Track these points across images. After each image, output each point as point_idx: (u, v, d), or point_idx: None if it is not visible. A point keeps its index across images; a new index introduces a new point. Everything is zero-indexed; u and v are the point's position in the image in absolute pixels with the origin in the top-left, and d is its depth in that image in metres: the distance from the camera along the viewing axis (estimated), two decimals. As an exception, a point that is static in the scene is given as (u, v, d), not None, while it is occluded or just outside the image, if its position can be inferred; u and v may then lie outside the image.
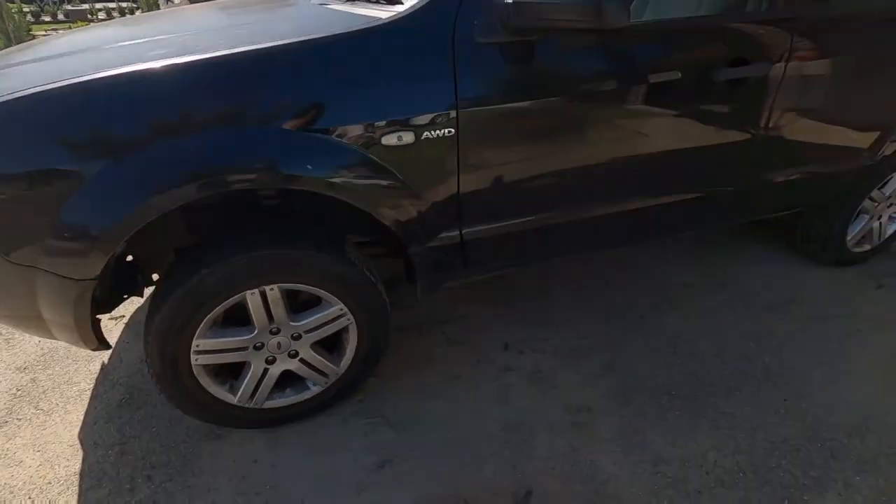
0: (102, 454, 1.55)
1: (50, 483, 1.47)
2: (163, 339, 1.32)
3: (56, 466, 1.51)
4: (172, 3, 7.08)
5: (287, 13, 1.72)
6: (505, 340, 1.99)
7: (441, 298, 2.19)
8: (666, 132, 1.62)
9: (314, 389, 1.61)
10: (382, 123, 1.25)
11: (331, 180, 1.26)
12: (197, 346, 1.37)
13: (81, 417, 1.67)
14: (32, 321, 1.30)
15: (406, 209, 1.38)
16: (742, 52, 1.60)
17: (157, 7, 8.78)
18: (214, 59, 1.18)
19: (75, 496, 1.43)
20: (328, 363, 1.57)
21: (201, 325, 1.35)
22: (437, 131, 1.30)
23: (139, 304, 2.20)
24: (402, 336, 2.00)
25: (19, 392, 1.77)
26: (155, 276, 1.59)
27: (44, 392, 1.76)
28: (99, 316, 1.48)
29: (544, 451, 1.56)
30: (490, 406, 1.71)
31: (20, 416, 1.68)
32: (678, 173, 1.75)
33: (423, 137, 1.29)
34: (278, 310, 1.41)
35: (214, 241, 1.35)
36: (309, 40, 1.23)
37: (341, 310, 1.48)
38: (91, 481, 1.47)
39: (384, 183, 1.32)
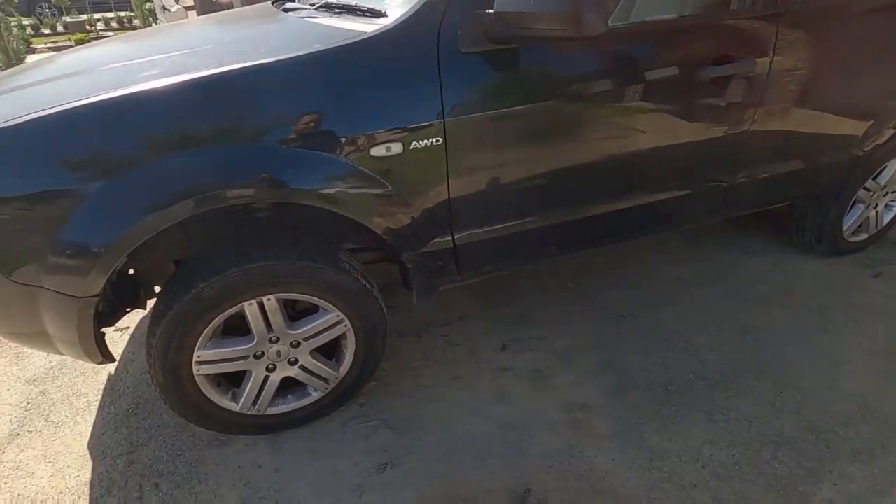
0: (111, 463, 1.59)
1: (62, 493, 1.51)
2: (164, 352, 1.36)
3: (67, 477, 1.56)
4: (169, 11, 7.13)
5: (274, 28, 1.75)
6: (503, 341, 2.02)
7: (439, 301, 2.22)
8: (653, 131, 1.64)
9: (315, 395, 1.64)
10: (370, 135, 1.28)
11: (322, 192, 1.29)
12: (198, 357, 1.41)
13: (90, 428, 1.72)
14: (38, 338, 1.34)
15: (397, 217, 1.41)
16: (727, 49, 1.62)
17: (154, 15, 8.83)
18: (204, 78, 1.21)
19: (86, 505, 1.48)
20: (328, 369, 1.60)
21: (201, 337, 1.38)
22: (425, 141, 1.32)
23: (143, 316, 2.24)
24: (401, 340, 2.04)
25: (30, 405, 1.81)
26: (157, 289, 1.63)
27: (53, 404, 1.81)
28: (104, 329, 1.53)
29: (542, 449, 1.59)
30: (488, 406, 1.74)
31: (31, 429, 1.72)
32: (667, 171, 1.78)
33: (411, 147, 1.32)
34: (276, 319, 1.44)
35: (210, 254, 1.38)
36: (297, 57, 1.26)
37: (338, 317, 1.51)
38: (101, 490, 1.51)
39: (375, 193, 1.35)
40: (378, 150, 1.29)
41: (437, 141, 1.33)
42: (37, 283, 1.21)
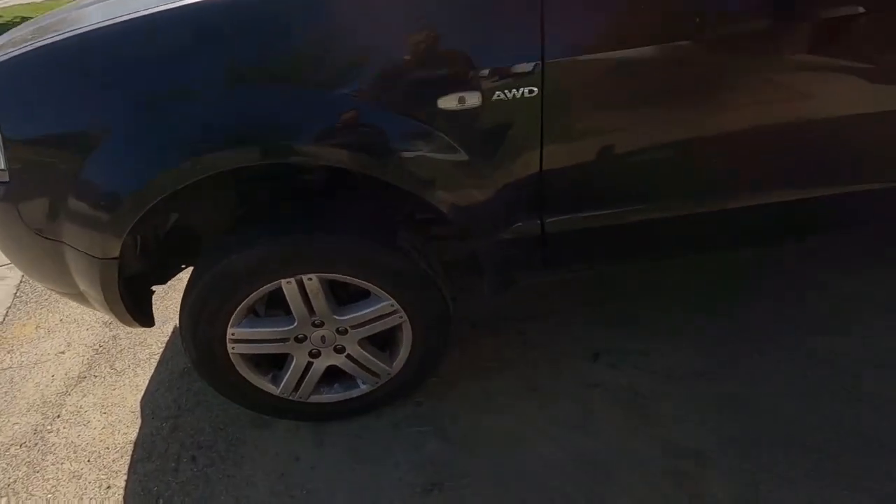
0: (157, 426, 1.52)
1: (108, 448, 1.47)
2: (194, 325, 1.21)
3: (116, 432, 1.52)
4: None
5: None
6: (596, 349, 1.65)
7: (522, 289, 1.88)
8: (835, 94, 1.12)
9: (364, 388, 1.43)
10: (438, 80, 0.96)
11: (369, 157, 1.00)
12: (232, 334, 1.24)
13: (147, 382, 1.68)
14: (80, 298, 1.25)
15: (468, 192, 1.09)
16: None
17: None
18: None
19: (126, 466, 1.42)
20: (379, 362, 1.37)
21: (235, 313, 1.21)
22: (514, 90, 0.97)
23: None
24: (474, 332, 1.75)
25: (101, 348, 1.83)
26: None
27: (120, 351, 1.80)
28: (154, 287, 1.43)
29: (627, 501, 1.24)
30: (567, 431, 1.41)
31: (97, 373, 1.73)
32: (850, 152, 1.23)
33: (494, 99, 0.97)
34: (319, 302, 1.22)
35: (247, 220, 1.18)
36: None
37: (392, 306, 1.25)
38: (142, 453, 1.45)
39: (440, 158, 1.03)
40: (447, 102, 0.96)
41: (531, 91, 0.97)
42: (60, 238, 1.09)
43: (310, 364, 1.35)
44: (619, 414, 1.44)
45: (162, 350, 1.80)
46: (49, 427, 1.55)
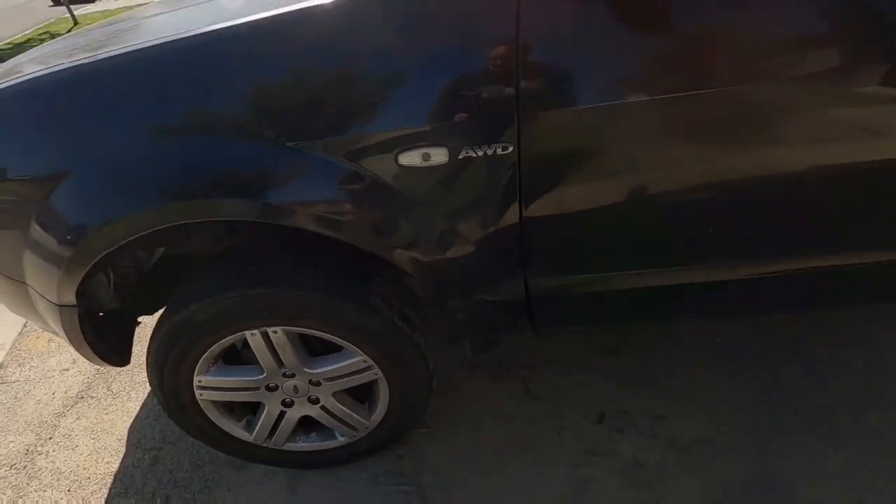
0: (139, 458, 1.50)
1: (89, 479, 1.47)
2: (160, 371, 1.16)
3: (100, 460, 1.51)
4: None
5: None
6: (602, 407, 1.50)
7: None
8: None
9: (341, 440, 1.34)
10: (397, 135, 0.85)
11: (321, 214, 0.91)
12: (199, 381, 1.18)
13: (139, 407, 1.67)
14: (53, 332, 1.23)
15: (432, 251, 0.98)
16: None
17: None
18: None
19: (103, 499, 1.41)
20: (356, 415, 1.28)
21: (200, 361, 1.15)
22: (486, 148, 0.85)
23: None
24: (472, 375, 1.63)
25: (101, 369, 1.84)
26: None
27: (119, 373, 1.81)
28: (140, 319, 1.40)
29: None
30: (559, 504, 1.28)
31: (94, 395, 1.73)
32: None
33: (461, 157, 0.85)
34: (287, 354, 1.15)
35: (213, 268, 1.11)
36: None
37: (364, 362, 1.16)
38: (120, 487, 1.43)
39: (399, 218, 0.93)
40: (409, 158, 0.86)
41: (505, 149, 0.85)
42: (24, 280, 1.06)
43: (283, 413, 1.28)
44: (620, 490, 1.29)
45: (158, 374, 1.78)
46: (40, 449, 1.56)
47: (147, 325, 1.32)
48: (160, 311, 1.20)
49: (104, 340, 1.21)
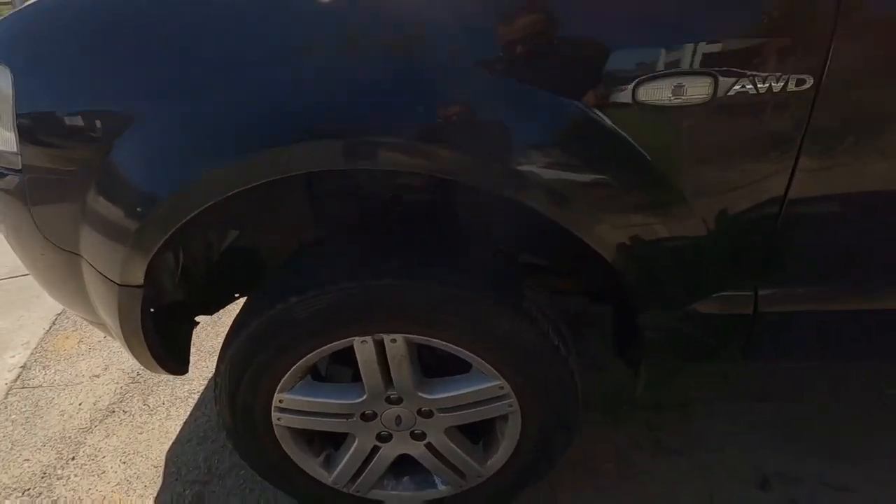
0: (179, 493, 1.21)
1: (116, 514, 1.18)
2: (234, 384, 0.89)
3: (130, 492, 1.22)
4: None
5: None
6: (763, 470, 1.18)
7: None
8: None
9: (442, 489, 1.04)
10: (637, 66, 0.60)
11: (504, 167, 0.65)
12: (280, 401, 0.91)
13: (179, 428, 1.39)
14: (99, 325, 0.98)
15: (654, 231, 0.70)
16: None
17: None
18: None
19: (133, 545, 1.11)
20: (469, 459, 0.98)
21: (287, 375, 0.87)
22: (774, 80, 0.59)
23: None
24: (588, 417, 1.32)
25: (138, 376, 1.57)
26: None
27: (157, 384, 1.54)
28: (197, 318, 1.14)
29: None
30: None
31: (127, 409, 1.46)
32: None
33: (731, 91, 0.59)
34: (402, 371, 0.87)
35: (320, 253, 0.86)
36: None
37: (501, 388, 0.87)
38: (154, 529, 1.14)
39: (617, 178, 0.66)
40: (656, 92, 0.59)
41: (801, 82, 0.58)
42: (76, 251, 0.81)
43: (376, 449, 0.99)
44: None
45: (203, 388, 1.51)
46: (60, 472, 1.28)
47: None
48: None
49: (164, 339, 0.94)
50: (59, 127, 0.74)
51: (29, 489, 1.25)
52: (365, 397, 0.91)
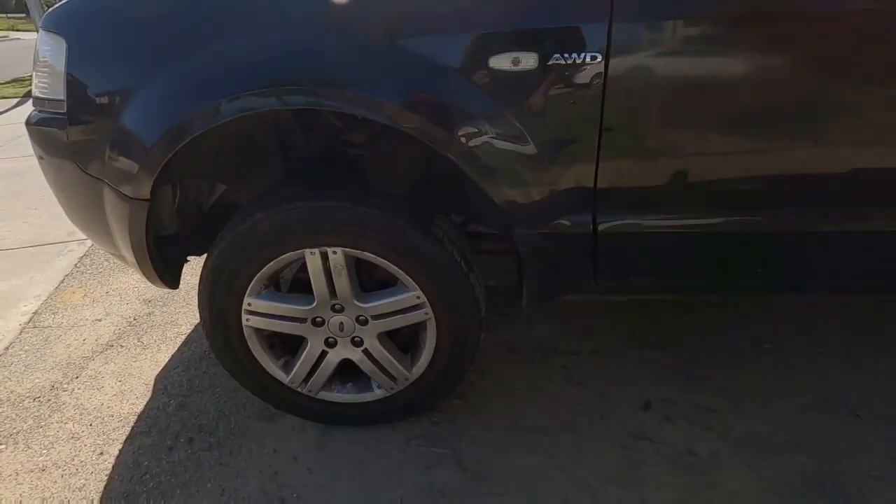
0: (165, 402, 1.46)
1: (112, 416, 1.42)
2: (212, 287, 1.15)
3: (124, 401, 1.47)
4: None
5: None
6: (647, 396, 1.43)
7: (569, 321, 1.71)
8: None
9: (378, 392, 1.29)
10: (494, 35, 0.88)
11: (407, 111, 0.93)
12: (248, 304, 1.17)
13: (168, 359, 1.63)
14: (118, 254, 1.25)
15: (511, 164, 0.98)
16: None
17: None
18: None
19: (124, 436, 1.35)
20: (398, 364, 1.24)
21: (255, 279, 1.14)
22: (575, 54, 0.87)
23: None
24: (510, 357, 1.58)
25: (135, 321, 1.82)
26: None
27: (151, 327, 1.79)
28: (190, 257, 1.40)
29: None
30: (605, 484, 1.19)
31: (124, 344, 1.71)
32: None
33: (550, 63, 0.88)
34: (341, 281, 1.13)
35: (280, 187, 1.13)
36: None
37: (418, 297, 1.14)
38: (143, 426, 1.38)
39: (483, 122, 0.94)
40: (500, 61, 0.88)
41: (593, 58, 0.87)
42: (101, 176, 1.09)
43: (324, 353, 1.24)
44: (669, 474, 1.21)
45: (190, 331, 1.76)
46: (65, 386, 1.53)
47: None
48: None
49: (162, 258, 1.21)
50: (96, 82, 1.03)
51: (39, 397, 1.49)
52: (315, 304, 1.17)
